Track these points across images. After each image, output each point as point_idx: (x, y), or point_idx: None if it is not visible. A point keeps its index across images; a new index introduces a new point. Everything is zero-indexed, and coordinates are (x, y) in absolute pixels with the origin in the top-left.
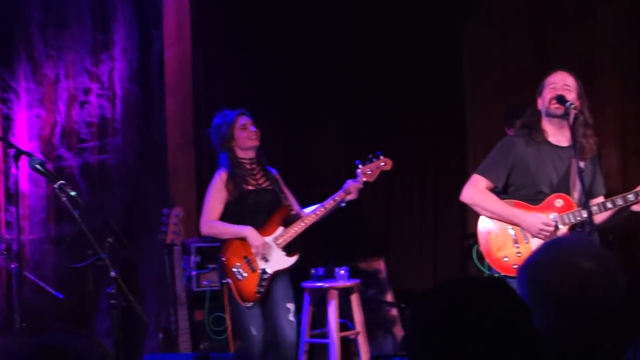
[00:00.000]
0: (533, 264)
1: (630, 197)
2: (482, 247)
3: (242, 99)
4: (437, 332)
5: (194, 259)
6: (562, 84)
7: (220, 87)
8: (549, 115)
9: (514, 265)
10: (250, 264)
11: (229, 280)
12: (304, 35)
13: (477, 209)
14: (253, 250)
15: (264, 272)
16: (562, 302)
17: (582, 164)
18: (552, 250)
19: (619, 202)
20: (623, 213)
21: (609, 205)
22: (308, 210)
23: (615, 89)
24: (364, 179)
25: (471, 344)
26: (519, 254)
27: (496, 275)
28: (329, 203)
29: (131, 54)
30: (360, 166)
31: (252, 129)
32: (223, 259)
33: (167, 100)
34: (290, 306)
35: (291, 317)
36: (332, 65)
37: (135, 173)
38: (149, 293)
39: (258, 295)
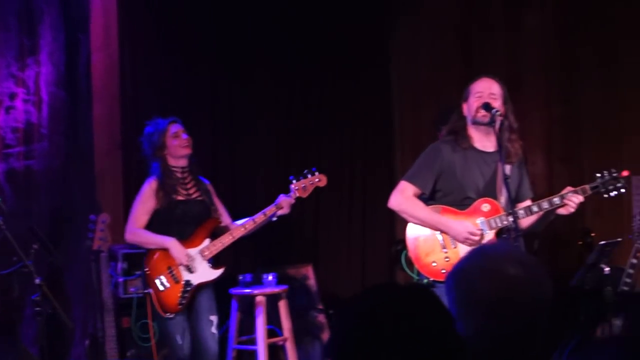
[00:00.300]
0: (461, 270)
1: (556, 200)
2: (411, 253)
3: (171, 103)
4: (359, 339)
5: (120, 265)
6: (488, 92)
7: (148, 92)
8: (476, 123)
9: (443, 270)
10: (173, 275)
11: (151, 291)
12: (232, 40)
13: (404, 216)
14: (177, 262)
15: (187, 283)
16: (489, 308)
17: (508, 169)
18: (480, 257)
19: (545, 205)
20: (549, 216)
21: (535, 208)
22: (239, 222)
23: (542, 95)
24: (297, 195)
25: (393, 350)
26: (447, 259)
27: (425, 280)
28: (259, 217)
29: (58, 58)
30: (293, 181)
31: (184, 136)
32: (146, 269)
33: (94, 105)
34: (214, 318)
35: (214, 330)
36: (261, 71)
37: (61, 179)
38: (76, 300)
39: (180, 306)
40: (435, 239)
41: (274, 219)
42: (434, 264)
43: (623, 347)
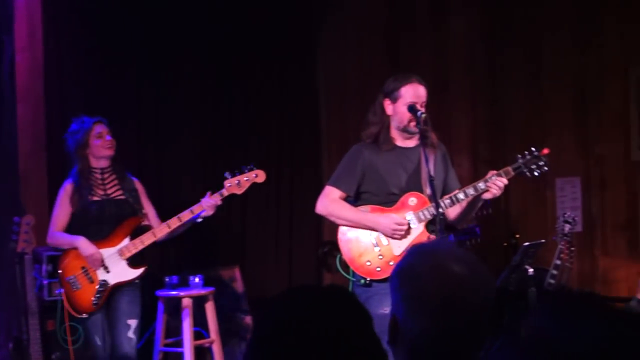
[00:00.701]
0: (406, 268)
1: (481, 185)
2: (345, 255)
3: (96, 104)
4: (277, 342)
5: (45, 267)
6: (420, 102)
7: (73, 93)
8: (405, 131)
9: (378, 268)
10: (87, 275)
11: (62, 290)
12: (158, 39)
13: (332, 218)
14: (86, 261)
15: (103, 283)
16: (436, 306)
17: (432, 166)
18: (424, 255)
19: (471, 191)
20: (477, 203)
21: (461, 196)
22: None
23: (467, 97)
24: (231, 192)
25: (311, 352)
26: (380, 257)
27: (362, 281)
28: (185, 214)
29: None
30: (228, 177)
31: (108, 137)
32: (59, 269)
33: (18, 106)
34: (132, 322)
35: (130, 334)
36: (187, 71)
37: None
38: None
39: (94, 306)
40: (366, 238)
41: (199, 220)
42: (368, 264)
43: (524, 348)
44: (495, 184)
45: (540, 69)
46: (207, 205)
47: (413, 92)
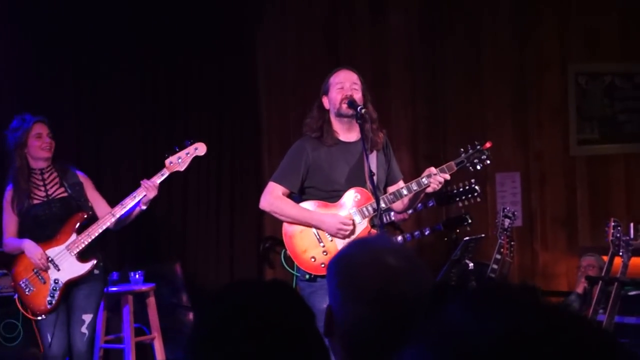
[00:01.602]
0: (343, 258)
1: (424, 180)
2: (290, 251)
3: (32, 99)
4: (216, 335)
5: None
6: (349, 83)
7: (6, 86)
8: (340, 115)
9: (322, 264)
10: (39, 276)
11: (15, 295)
12: (95, 28)
13: (276, 216)
14: (33, 262)
15: (55, 281)
16: (369, 296)
17: (373, 159)
18: (362, 247)
19: (414, 187)
20: (419, 196)
21: (405, 192)
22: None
23: (407, 92)
24: (173, 169)
25: (251, 347)
26: (325, 253)
27: (307, 276)
28: (127, 201)
29: None
30: (167, 156)
31: (47, 139)
32: (12, 272)
33: None
34: (86, 317)
35: (84, 329)
36: (124, 66)
37: None
38: None
39: (50, 306)
40: (310, 234)
41: (144, 207)
42: (312, 259)
43: (433, 342)
44: (436, 179)
45: (480, 64)
46: (147, 186)
47: (341, 76)
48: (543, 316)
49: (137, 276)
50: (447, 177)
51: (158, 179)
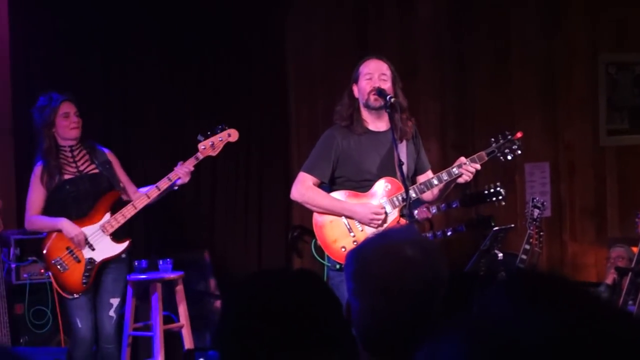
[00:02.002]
0: (360, 248)
1: (454, 170)
2: (320, 241)
3: (63, 87)
4: (244, 323)
5: (13, 251)
6: (378, 74)
7: (40, 76)
8: (368, 107)
9: None
10: (73, 255)
11: (50, 273)
12: (126, 19)
13: (308, 206)
14: (71, 241)
15: (90, 261)
16: (382, 285)
17: (403, 148)
18: (381, 238)
19: (445, 177)
20: (449, 186)
21: (435, 181)
22: (143, 190)
23: (435, 83)
24: (206, 154)
25: (279, 334)
26: (355, 242)
27: (338, 266)
28: (163, 183)
29: None
30: (201, 139)
31: (74, 118)
32: (44, 252)
33: None
34: (114, 301)
35: (111, 313)
36: (155, 48)
37: None
38: None
39: (84, 285)
40: (341, 224)
41: (176, 187)
42: (343, 249)
43: (469, 335)
44: (467, 169)
45: (509, 54)
46: (182, 172)
47: (370, 66)
48: (595, 317)
49: (165, 264)
50: (478, 166)
51: (192, 164)
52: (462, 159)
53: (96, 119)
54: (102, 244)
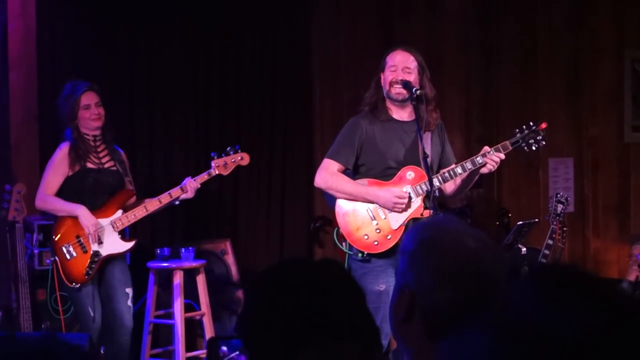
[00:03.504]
0: (424, 244)
1: (479, 159)
2: (342, 229)
3: (89, 73)
4: (269, 312)
5: (36, 236)
6: (402, 66)
7: (66, 62)
8: (389, 98)
9: (375, 242)
10: (81, 244)
11: (56, 258)
12: (152, 7)
13: (331, 192)
14: (85, 230)
15: (95, 254)
16: (457, 279)
17: (428, 140)
18: (438, 230)
19: (469, 165)
20: (473, 177)
21: (459, 170)
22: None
23: (461, 77)
24: (217, 172)
25: (303, 323)
26: (378, 230)
27: (360, 255)
28: (164, 197)
29: None
30: (215, 157)
31: (95, 110)
32: (53, 236)
33: (10, 75)
34: (129, 291)
35: (129, 303)
36: (180, 45)
37: None
38: None
39: (87, 277)
40: (364, 211)
41: (177, 202)
42: (365, 237)
43: (498, 331)
44: (492, 158)
45: (535, 49)
46: (190, 187)
47: (396, 58)
48: (628, 310)
49: (188, 252)
50: (502, 156)
51: (202, 180)
52: (486, 148)
53: (121, 108)
54: (109, 239)
